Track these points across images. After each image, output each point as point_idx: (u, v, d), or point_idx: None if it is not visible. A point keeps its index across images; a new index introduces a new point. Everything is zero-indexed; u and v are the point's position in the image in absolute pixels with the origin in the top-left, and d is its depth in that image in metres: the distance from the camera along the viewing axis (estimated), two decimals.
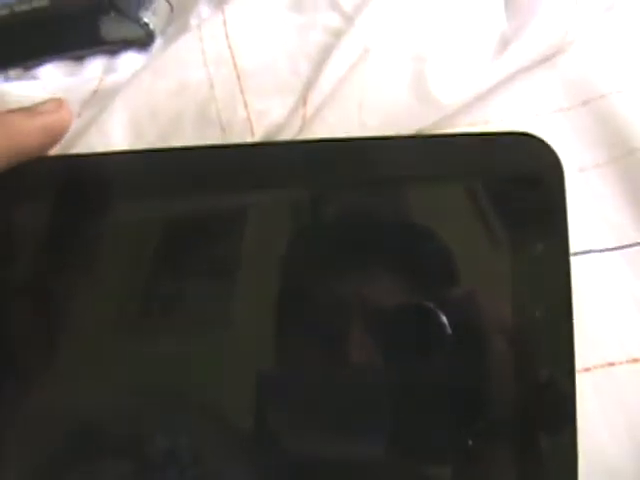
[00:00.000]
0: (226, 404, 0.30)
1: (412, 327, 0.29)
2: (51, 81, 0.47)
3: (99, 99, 0.40)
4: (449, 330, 0.28)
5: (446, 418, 0.29)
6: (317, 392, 0.30)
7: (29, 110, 0.31)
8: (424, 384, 0.29)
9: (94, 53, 0.52)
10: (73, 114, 0.33)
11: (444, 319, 0.28)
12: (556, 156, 0.29)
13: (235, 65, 0.38)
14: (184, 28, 0.51)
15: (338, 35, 0.39)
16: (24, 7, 0.53)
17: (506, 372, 0.29)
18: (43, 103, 0.32)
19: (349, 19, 0.40)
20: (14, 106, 0.40)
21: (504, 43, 0.42)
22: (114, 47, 0.52)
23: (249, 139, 0.37)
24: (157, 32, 0.53)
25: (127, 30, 0.51)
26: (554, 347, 0.28)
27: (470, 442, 0.28)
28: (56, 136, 0.32)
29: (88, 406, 0.30)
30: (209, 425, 0.30)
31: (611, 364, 0.33)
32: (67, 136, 0.36)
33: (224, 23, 0.39)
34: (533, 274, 0.29)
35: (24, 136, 0.31)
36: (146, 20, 0.51)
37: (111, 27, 0.51)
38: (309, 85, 0.38)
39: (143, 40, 0.52)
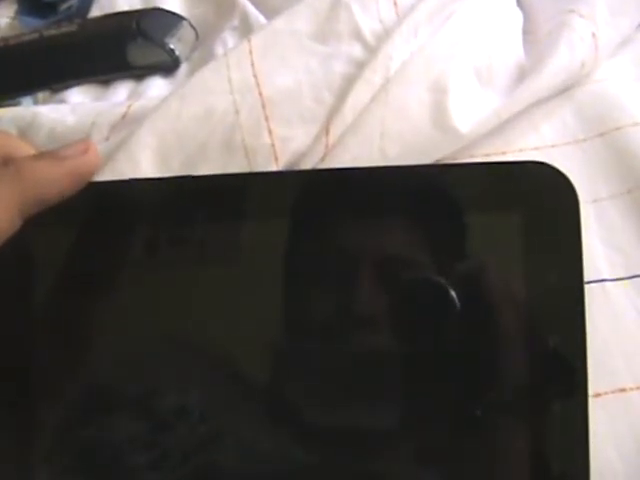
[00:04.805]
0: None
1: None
2: (80, 104, 0.48)
3: (127, 123, 0.41)
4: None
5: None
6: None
7: (55, 155, 0.30)
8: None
9: (120, 77, 0.53)
10: (98, 154, 0.31)
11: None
12: (571, 185, 0.29)
13: (260, 93, 0.39)
14: (209, 55, 0.52)
15: (361, 66, 0.40)
16: (53, 32, 0.54)
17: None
18: (70, 146, 0.31)
19: (371, 50, 0.41)
20: (46, 128, 0.42)
21: (522, 75, 0.43)
22: (140, 72, 0.53)
23: (273, 166, 0.38)
24: (182, 58, 0.54)
25: (153, 55, 0.53)
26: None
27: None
28: (82, 181, 0.30)
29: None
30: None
31: (622, 390, 0.33)
32: None
33: (250, 52, 0.40)
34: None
35: (49, 185, 0.29)
36: (172, 46, 0.53)
37: (138, 52, 0.52)
38: (332, 114, 0.39)
39: (168, 66, 0.53)
